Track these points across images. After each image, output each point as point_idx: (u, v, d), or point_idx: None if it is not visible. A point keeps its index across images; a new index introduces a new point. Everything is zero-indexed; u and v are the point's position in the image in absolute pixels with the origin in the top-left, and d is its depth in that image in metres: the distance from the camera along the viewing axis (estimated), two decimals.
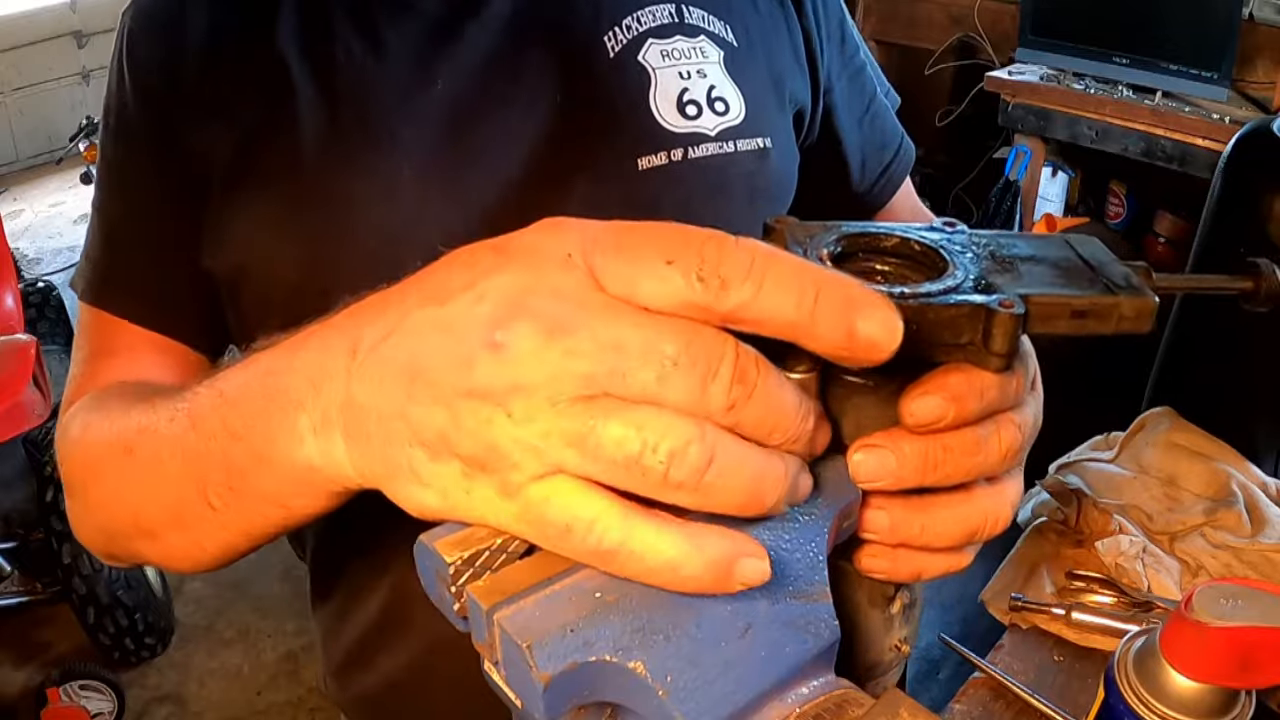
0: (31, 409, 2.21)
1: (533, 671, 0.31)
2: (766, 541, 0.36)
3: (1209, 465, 1.10)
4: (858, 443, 0.39)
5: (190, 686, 2.42)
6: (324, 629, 0.84)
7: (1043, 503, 1.10)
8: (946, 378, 0.38)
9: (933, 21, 3.55)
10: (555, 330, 0.33)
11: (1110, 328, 0.39)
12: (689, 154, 0.70)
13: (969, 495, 0.42)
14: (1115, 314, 0.39)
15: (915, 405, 0.38)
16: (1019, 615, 0.96)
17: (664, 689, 0.32)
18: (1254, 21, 2.72)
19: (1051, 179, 3.21)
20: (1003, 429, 0.41)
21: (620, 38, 0.71)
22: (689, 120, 0.70)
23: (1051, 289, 0.39)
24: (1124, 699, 0.65)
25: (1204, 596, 0.60)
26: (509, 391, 0.33)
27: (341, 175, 0.66)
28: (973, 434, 0.40)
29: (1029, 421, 0.43)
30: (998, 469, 0.42)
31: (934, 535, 0.42)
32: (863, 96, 0.87)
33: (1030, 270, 0.41)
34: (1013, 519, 0.44)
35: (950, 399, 0.38)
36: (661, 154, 0.69)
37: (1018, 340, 0.38)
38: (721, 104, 0.72)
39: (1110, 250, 0.43)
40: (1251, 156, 1.40)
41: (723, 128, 0.71)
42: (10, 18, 4.94)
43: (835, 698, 0.36)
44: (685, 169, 0.70)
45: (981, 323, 0.37)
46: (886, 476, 0.39)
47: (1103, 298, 0.39)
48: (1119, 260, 0.41)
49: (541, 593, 0.33)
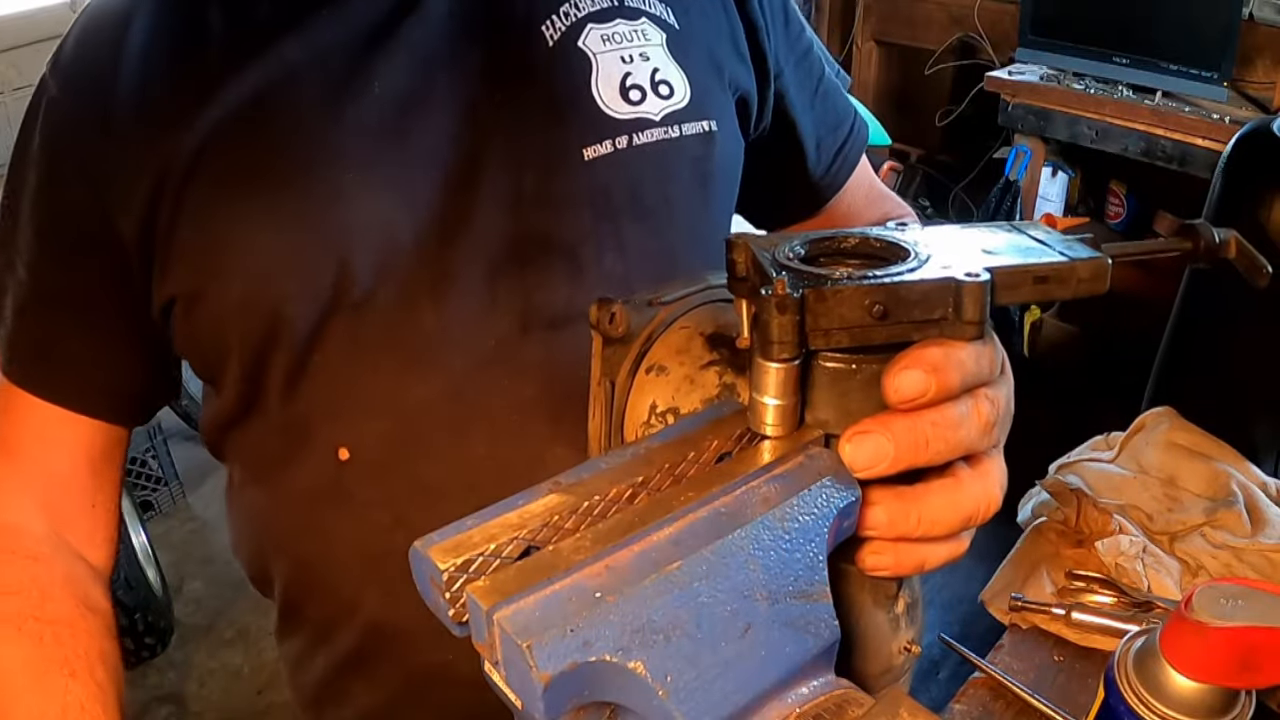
0: None
1: (533, 671, 0.31)
2: (766, 541, 0.36)
3: (1209, 465, 1.10)
4: (847, 433, 0.40)
5: (190, 686, 2.42)
6: (292, 660, 0.82)
7: (1043, 503, 1.10)
8: (924, 351, 0.39)
9: (933, 21, 3.55)
10: None
11: (1070, 290, 0.42)
12: (634, 140, 0.69)
13: (958, 481, 0.43)
14: (1074, 276, 0.41)
15: (899, 381, 0.39)
16: (1019, 615, 0.96)
17: (664, 689, 0.32)
18: (1254, 21, 2.72)
19: (1051, 179, 3.20)
20: (980, 403, 0.42)
21: (558, 25, 0.69)
22: (633, 105, 0.69)
23: (1011, 260, 0.41)
24: (1124, 699, 0.65)
25: (1204, 596, 0.60)
26: None
27: (286, 189, 0.65)
28: (954, 409, 0.41)
29: (1002, 397, 0.44)
30: (980, 444, 0.43)
31: (930, 524, 0.43)
32: (811, 77, 0.86)
33: (985, 249, 0.43)
34: (1002, 501, 0.45)
35: (930, 370, 0.39)
36: (606, 142, 0.68)
37: (987, 307, 0.40)
38: (666, 87, 0.70)
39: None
40: (1251, 156, 1.40)
41: (667, 111, 0.70)
42: (10, 18, 4.92)
43: (835, 698, 0.36)
44: (631, 156, 0.69)
45: (952, 295, 0.39)
46: (882, 461, 0.39)
47: (1061, 263, 0.41)
48: (1065, 236, 0.44)
49: (541, 593, 0.33)
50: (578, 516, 0.37)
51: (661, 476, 0.39)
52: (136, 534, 2.43)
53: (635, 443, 0.41)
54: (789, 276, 0.39)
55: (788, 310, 0.38)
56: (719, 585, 0.35)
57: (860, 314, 0.39)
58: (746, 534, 0.36)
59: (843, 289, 0.39)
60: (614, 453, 0.40)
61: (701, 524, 0.37)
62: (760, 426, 0.41)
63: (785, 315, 0.38)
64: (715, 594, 0.35)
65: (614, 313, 0.48)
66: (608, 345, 0.49)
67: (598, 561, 0.35)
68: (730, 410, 0.43)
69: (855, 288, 0.39)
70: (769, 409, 0.41)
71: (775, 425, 0.41)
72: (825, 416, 0.42)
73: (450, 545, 0.35)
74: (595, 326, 0.48)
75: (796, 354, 0.39)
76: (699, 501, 0.38)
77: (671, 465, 0.39)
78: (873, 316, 0.39)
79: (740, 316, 0.42)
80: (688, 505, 0.38)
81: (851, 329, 0.39)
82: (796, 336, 0.39)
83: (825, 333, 0.39)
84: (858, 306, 0.39)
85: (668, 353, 0.48)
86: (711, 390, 0.46)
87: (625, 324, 0.48)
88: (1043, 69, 3.04)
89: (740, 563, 0.36)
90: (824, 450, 0.42)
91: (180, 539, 2.85)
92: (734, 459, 0.41)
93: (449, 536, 0.35)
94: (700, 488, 0.39)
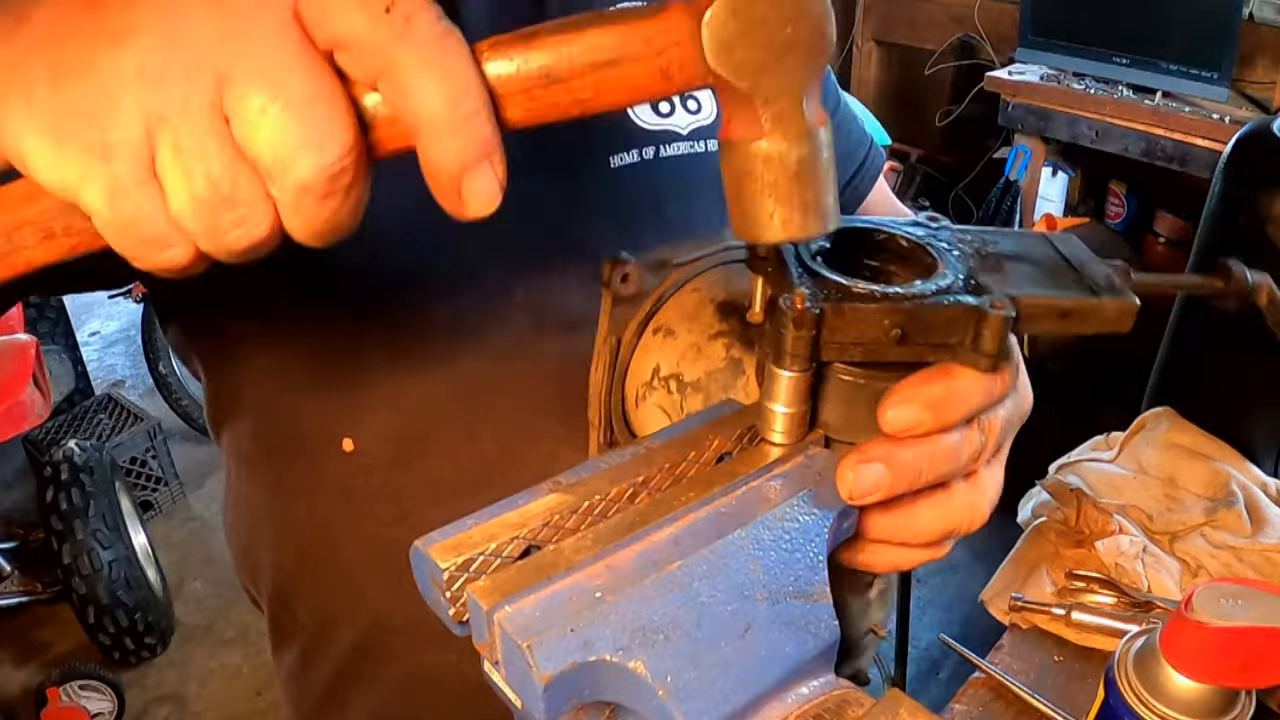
0: (31, 409, 2.21)
1: (533, 671, 0.31)
2: (767, 541, 0.36)
3: (1209, 465, 1.10)
4: (849, 458, 0.40)
5: (190, 686, 2.41)
6: (286, 673, 0.81)
7: (1043, 503, 1.10)
8: (925, 386, 0.39)
9: (933, 21, 3.55)
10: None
11: (1093, 328, 0.41)
12: (661, 152, 0.69)
13: (948, 493, 0.43)
14: (1099, 315, 0.40)
15: (893, 414, 0.39)
16: (1019, 615, 0.96)
17: (664, 689, 0.32)
18: (1254, 21, 2.72)
19: (1051, 179, 3.21)
20: (973, 437, 0.42)
21: None
22: (661, 118, 0.70)
23: (1038, 289, 0.40)
24: (1124, 699, 0.65)
25: (1204, 596, 0.60)
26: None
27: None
28: (951, 442, 0.40)
29: (1000, 420, 0.43)
30: (971, 467, 0.43)
31: (913, 534, 0.43)
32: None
33: (1016, 269, 0.42)
34: (990, 513, 0.45)
35: (927, 407, 0.39)
36: (634, 151, 0.68)
37: (1006, 341, 0.39)
38: (694, 103, 0.71)
39: (1089, 248, 0.44)
40: (1251, 156, 1.40)
41: (695, 126, 0.71)
42: None
43: (835, 698, 0.36)
44: (657, 167, 0.69)
45: (973, 324, 0.38)
46: (878, 491, 0.39)
47: (1087, 300, 0.40)
48: (1098, 259, 0.43)
49: (541, 593, 0.33)
50: (578, 516, 0.37)
51: (662, 476, 0.39)
52: (136, 534, 2.43)
53: (635, 442, 0.41)
54: (808, 283, 0.39)
55: (804, 326, 0.38)
56: (719, 585, 0.35)
57: (877, 333, 0.38)
58: (746, 534, 0.36)
59: (862, 308, 0.38)
60: (614, 452, 0.40)
61: (702, 524, 0.37)
62: (769, 433, 0.41)
63: (802, 330, 0.38)
64: (715, 594, 0.35)
65: (627, 273, 0.47)
66: (617, 304, 0.48)
67: (598, 561, 0.35)
68: (730, 410, 0.43)
69: (875, 308, 0.38)
70: (779, 416, 0.40)
71: (784, 433, 0.41)
72: (830, 421, 0.42)
73: (451, 544, 0.35)
74: (606, 284, 0.48)
75: (809, 365, 0.39)
76: (699, 501, 0.38)
77: (672, 465, 0.39)
78: (889, 338, 0.38)
79: (755, 291, 0.41)
80: (688, 505, 0.38)
81: (866, 345, 0.39)
82: (810, 350, 0.38)
83: (840, 346, 0.39)
84: (876, 326, 0.38)
85: (677, 316, 0.48)
86: (718, 362, 0.46)
87: (637, 284, 0.48)
88: (1043, 69, 3.04)
89: (740, 563, 0.36)
90: (824, 451, 0.42)
91: (180, 539, 2.85)
92: (734, 459, 0.41)
93: (450, 535, 0.35)
94: (700, 488, 0.39)
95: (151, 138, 0.31)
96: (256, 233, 0.33)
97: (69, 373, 3.07)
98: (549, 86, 0.35)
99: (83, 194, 0.32)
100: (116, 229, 0.33)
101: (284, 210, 0.33)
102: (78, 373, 3.17)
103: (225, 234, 0.32)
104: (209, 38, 0.30)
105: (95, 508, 2.25)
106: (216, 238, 0.33)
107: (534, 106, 0.35)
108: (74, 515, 2.22)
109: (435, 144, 0.33)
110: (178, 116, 0.31)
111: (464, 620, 0.35)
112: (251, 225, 0.32)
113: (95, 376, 3.44)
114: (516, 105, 0.35)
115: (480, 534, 0.35)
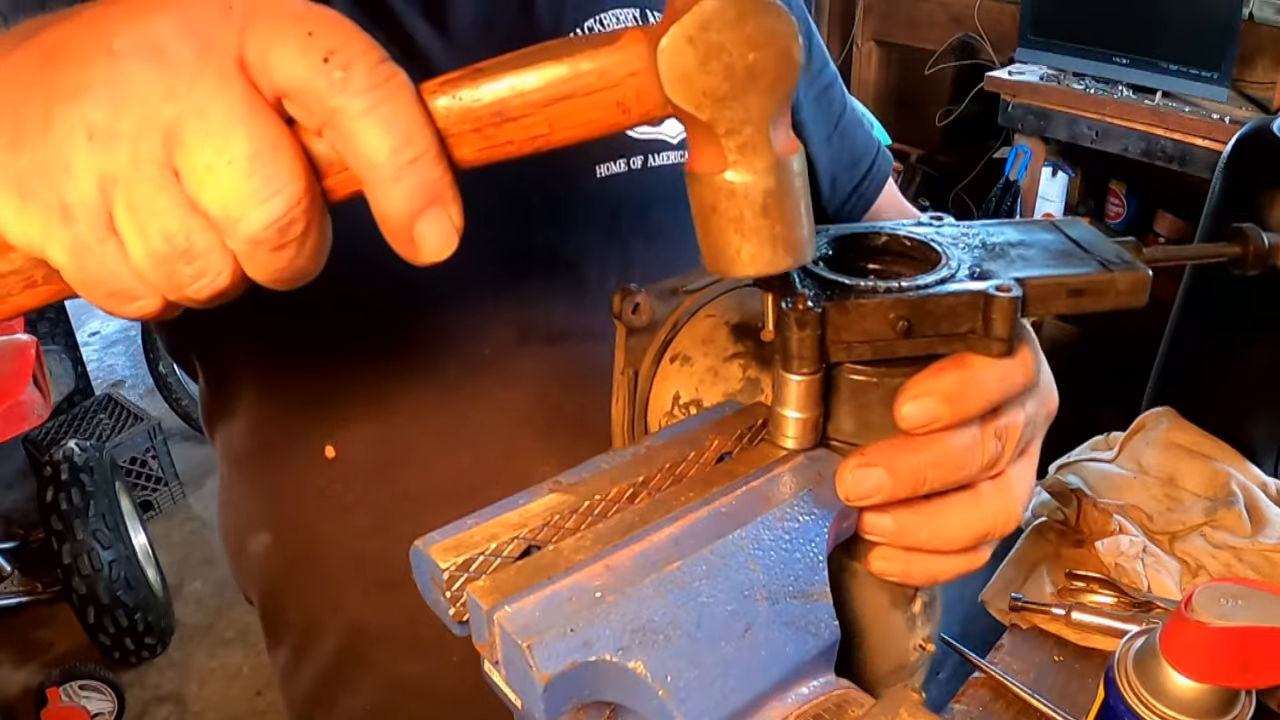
0: (31, 409, 2.21)
1: (533, 671, 0.31)
2: (767, 541, 0.36)
3: (1209, 465, 1.10)
4: (849, 461, 0.39)
5: (190, 686, 2.41)
6: (281, 671, 0.81)
7: (1043, 503, 1.10)
8: (940, 378, 0.38)
9: (933, 21, 3.55)
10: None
11: (1107, 304, 0.40)
12: (649, 161, 0.68)
13: (976, 495, 0.42)
14: (1112, 289, 0.39)
15: (909, 409, 0.38)
16: (1019, 615, 0.96)
17: (664, 689, 0.32)
18: (1254, 21, 2.72)
19: (1051, 179, 3.21)
20: (988, 442, 0.41)
21: None
22: (651, 126, 0.69)
23: (1046, 270, 0.40)
24: (1124, 699, 0.65)
25: (1204, 596, 0.60)
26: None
27: None
28: (960, 446, 0.40)
29: (1021, 419, 0.43)
30: (1000, 469, 0.42)
31: (943, 540, 0.42)
32: (830, 114, 0.85)
33: (1022, 254, 0.41)
34: (1024, 514, 0.44)
35: (944, 400, 0.38)
36: (621, 161, 0.68)
37: (1017, 323, 0.38)
38: None
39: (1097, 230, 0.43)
40: (1251, 156, 1.39)
41: (685, 136, 0.70)
42: None
43: (835, 698, 0.36)
44: (645, 177, 0.68)
45: (980, 309, 0.38)
46: (877, 495, 0.39)
47: (1098, 275, 0.39)
48: (1106, 238, 0.42)
49: (541, 593, 0.33)
50: (578, 516, 0.37)
51: (662, 476, 0.39)
52: (136, 534, 2.43)
53: (636, 443, 0.41)
54: (812, 287, 0.39)
55: (808, 325, 0.37)
56: (719, 585, 0.35)
57: (883, 328, 0.38)
58: (746, 534, 0.36)
59: (865, 303, 0.38)
60: (614, 452, 0.40)
61: (702, 524, 0.37)
62: (781, 439, 0.41)
63: (805, 330, 0.37)
64: (715, 594, 0.35)
65: (638, 303, 0.47)
66: (631, 335, 0.48)
67: (598, 561, 0.35)
68: (731, 410, 0.43)
69: (878, 302, 0.38)
70: (790, 422, 0.40)
71: (796, 439, 0.40)
72: (846, 428, 0.41)
73: (451, 544, 0.35)
74: (618, 317, 0.47)
75: (818, 367, 0.38)
76: (699, 501, 0.38)
77: (672, 465, 0.39)
78: (896, 331, 0.38)
79: (765, 309, 0.41)
80: (688, 505, 0.38)
81: (874, 342, 0.38)
82: (817, 351, 0.38)
83: (847, 345, 0.38)
84: (881, 321, 0.38)
85: (692, 342, 0.48)
86: (735, 384, 0.45)
87: (649, 314, 0.47)
88: (1043, 69, 3.04)
89: (740, 563, 0.36)
90: (824, 451, 0.42)
91: (180, 539, 2.85)
92: (734, 459, 0.41)
93: (450, 535, 0.35)
94: (700, 488, 0.39)
95: (107, 197, 0.31)
96: (219, 283, 0.33)
97: (69, 373, 3.07)
98: (501, 125, 0.34)
99: (49, 252, 0.32)
100: (83, 284, 0.33)
101: (242, 260, 0.33)
102: (78, 373, 3.17)
103: (187, 286, 0.33)
104: (156, 94, 0.30)
105: (95, 508, 2.25)
106: (179, 289, 0.33)
107: (487, 145, 0.35)
108: (74, 515, 2.22)
109: (381, 191, 0.32)
110: (129, 176, 0.31)
111: (464, 620, 0.35)
112: (212, 276, 0.33)
113: (95, 376, 3.44)
114: (469, 145, 0.34)
115: (480, 534, 0.35)
